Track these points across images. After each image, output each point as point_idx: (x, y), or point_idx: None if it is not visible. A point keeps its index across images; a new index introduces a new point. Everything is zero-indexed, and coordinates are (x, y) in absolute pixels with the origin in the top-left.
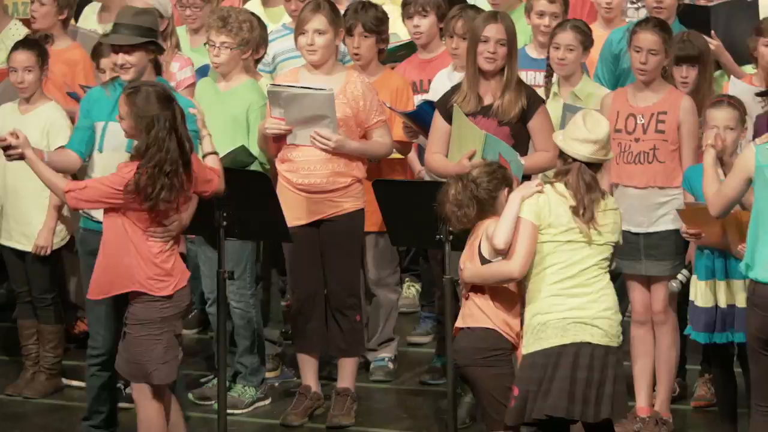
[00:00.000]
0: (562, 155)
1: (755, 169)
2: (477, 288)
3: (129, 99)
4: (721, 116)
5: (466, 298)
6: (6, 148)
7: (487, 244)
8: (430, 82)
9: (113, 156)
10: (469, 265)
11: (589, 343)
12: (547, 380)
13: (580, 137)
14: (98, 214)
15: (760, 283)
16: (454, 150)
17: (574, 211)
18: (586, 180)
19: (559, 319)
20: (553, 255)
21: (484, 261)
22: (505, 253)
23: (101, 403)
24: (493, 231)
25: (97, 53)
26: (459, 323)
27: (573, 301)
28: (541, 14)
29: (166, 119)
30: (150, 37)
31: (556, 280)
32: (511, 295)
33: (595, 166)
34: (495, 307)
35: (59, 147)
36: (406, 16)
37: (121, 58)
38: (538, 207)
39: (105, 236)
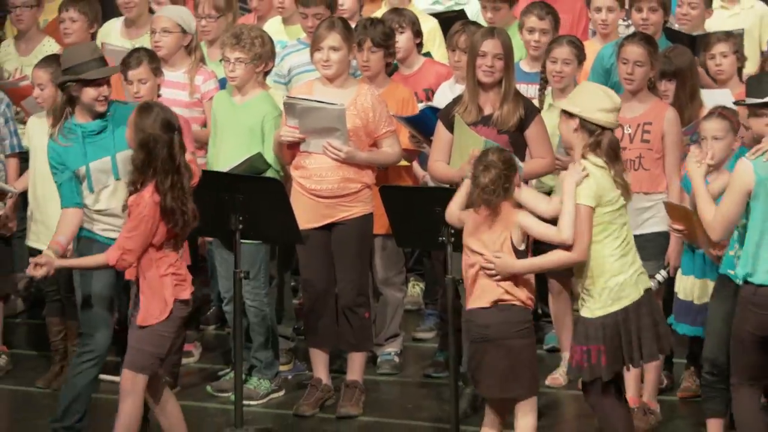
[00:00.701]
0: (585, 127)
1: (756, 183)
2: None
3: (139, 113)
4: (708, 126)
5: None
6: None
7: (519, 233)
8: (416, 94)
9: (110, 188)
10: (506, 257)
11: (649, 289)
12: (633, 332)
13: (608, 107)
14: (99, 229)
15: (764, 286)
16: (456, 157)
17: (615, 177)
18: (614, 146)
19: (631, 275)
20: (611, 223)
21: (518, 252)
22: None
23: (80, 403)
24: (529, 224)
25: (124, 66)
26: (480, 302)
27: (631, 257)
28: (532, 30)
29: (165, 143)
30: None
31: (618, 244)
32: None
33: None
34: (514, 285)
35: (59, 224)
36: None
37: (105, 90)
38: (594, 190)
39: (143, 273)
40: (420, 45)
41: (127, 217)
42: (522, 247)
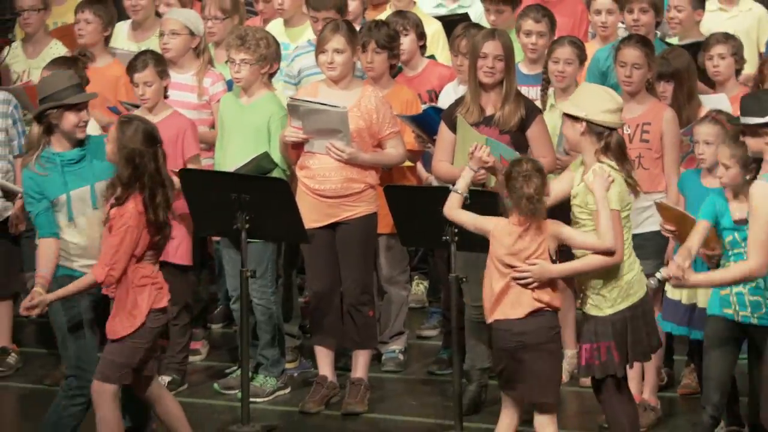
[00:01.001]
0: (592, 130)
1: None
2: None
3: (120, 127)
4: (700, 131)
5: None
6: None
7: (554, 243)
8: (419, 96)
9: (88, 218)
10: (542, 263)
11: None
12: (641, 327)
13: (612, 107)
14: (78, 266)
15: None
16: (459, 157)
17: (626, 178)
18: (622, 145)
19: (637, 272)
20: (625, 225)
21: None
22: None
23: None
24: (569, 234)
25: (131, 69)
26: (514, 313)
27: (634, 255)
28: (529, 33)
29: (151, 157)
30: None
31: (628, 244)
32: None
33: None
34: (547, 291)
35: (39, 257)
36: None
37: (85, 115)
38: (618, 193)
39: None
40: (423, 47)
41: (108, 232)
42: (554, 257)
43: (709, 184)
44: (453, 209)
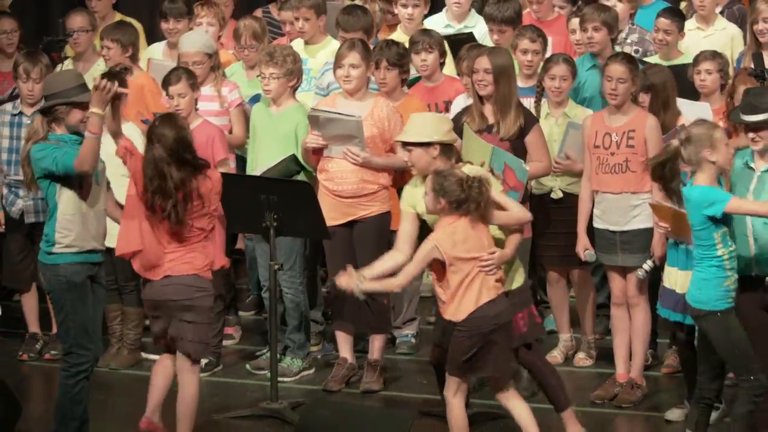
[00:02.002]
0: (443, 152)
1: None
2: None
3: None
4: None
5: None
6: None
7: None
8: (436, 105)
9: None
10: (498, 250)
11: None
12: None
13: (449, 126)
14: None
15: None
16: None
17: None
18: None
19: None
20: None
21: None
22: None
23: (83, 410)
24: (499, 217)
25: (165, 83)
26: (487, 296)
27: None
28: (525, 51)
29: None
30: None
31: None
32: None
33: None
34: (500, 274)
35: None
36: (414, 51)
37: (88, 112)
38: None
39: None
40: (443, 63)
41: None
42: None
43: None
44: (401, 283)
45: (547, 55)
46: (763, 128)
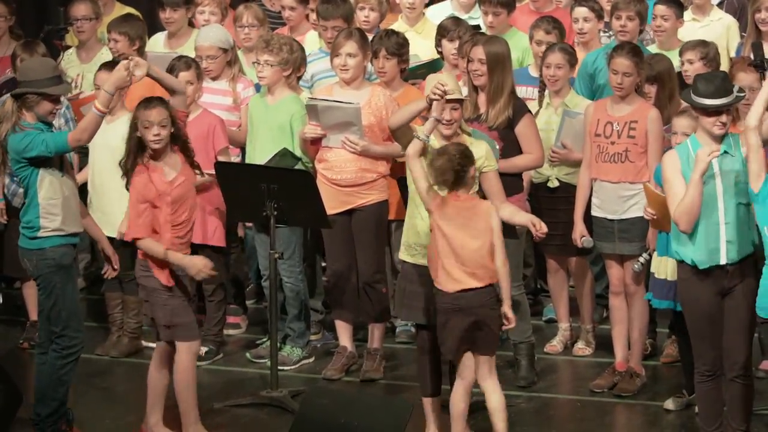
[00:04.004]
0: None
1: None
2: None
3: None
4: (680, 123)
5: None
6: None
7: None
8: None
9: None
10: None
11: None
12: None
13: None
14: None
15: None
16: None
17: None
18: None
19: None
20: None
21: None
22: None
23: (65, 392)
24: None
25: (174, 70)
26: (469, 284)
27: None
28: (540, 42)
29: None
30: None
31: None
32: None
33: None
34: None
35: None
36: (449, 39)
37: (58, 104)
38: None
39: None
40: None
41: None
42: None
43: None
44: (412, 158)
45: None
46: (724, 112)
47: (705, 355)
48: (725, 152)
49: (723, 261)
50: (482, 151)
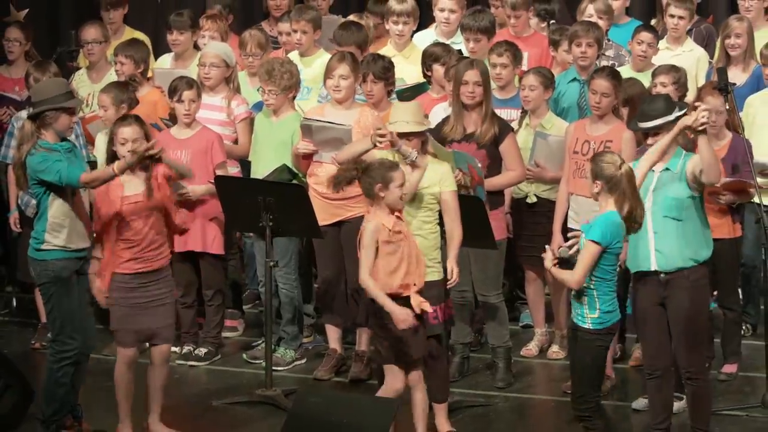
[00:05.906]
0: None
1: None
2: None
3: None
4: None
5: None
6: None
7: None
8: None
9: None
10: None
11: None
12: None
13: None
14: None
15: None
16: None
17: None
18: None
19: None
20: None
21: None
22: None
23: (65, 393)
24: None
25: (176, 90)
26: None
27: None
28: (494, 65)
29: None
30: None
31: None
32: None
33: None
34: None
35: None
36: (441, 63)
37: (75, 117)
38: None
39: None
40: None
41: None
42: None
43: None
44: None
45: (524, 68)
46: (659, 132)
47: (646, 355)
48: (667, 169)
49: (653, 267)
50: (438, 174)
